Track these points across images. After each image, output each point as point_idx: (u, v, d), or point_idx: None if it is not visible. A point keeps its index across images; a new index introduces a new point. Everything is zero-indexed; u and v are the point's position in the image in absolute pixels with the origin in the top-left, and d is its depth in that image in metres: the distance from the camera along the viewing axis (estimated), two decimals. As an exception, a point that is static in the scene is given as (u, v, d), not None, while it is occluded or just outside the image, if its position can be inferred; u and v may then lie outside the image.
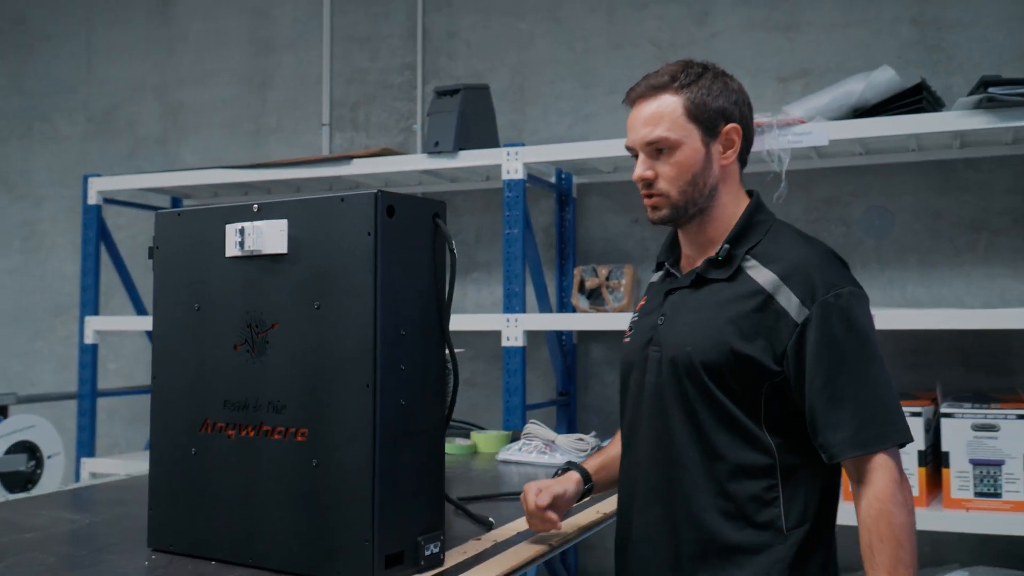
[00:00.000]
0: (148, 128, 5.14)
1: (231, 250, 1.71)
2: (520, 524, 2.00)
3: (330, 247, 1.61)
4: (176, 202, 4.90)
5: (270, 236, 1.66)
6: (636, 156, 1.92)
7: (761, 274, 1.81)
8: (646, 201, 1.91)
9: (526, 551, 1.82)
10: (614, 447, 2.12)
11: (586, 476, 2.03)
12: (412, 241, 1.64)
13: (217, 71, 5.00)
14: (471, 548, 1.80)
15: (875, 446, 1.73)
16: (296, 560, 1.62)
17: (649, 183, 1.88)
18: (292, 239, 1.65)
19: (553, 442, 2.79)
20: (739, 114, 1.90)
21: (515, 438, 3.00)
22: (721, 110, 1.87)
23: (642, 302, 2.08)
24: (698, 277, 1.89)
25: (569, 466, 2.06)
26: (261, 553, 1.66)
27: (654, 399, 1.88)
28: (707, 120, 1.86)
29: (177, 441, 1.77)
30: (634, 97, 1.92)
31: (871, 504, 1.71)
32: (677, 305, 1.91)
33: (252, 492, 1.67)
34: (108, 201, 4.52)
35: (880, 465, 1.72)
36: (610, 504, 2.18)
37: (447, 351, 1.72)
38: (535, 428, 2.85)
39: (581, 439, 2.80)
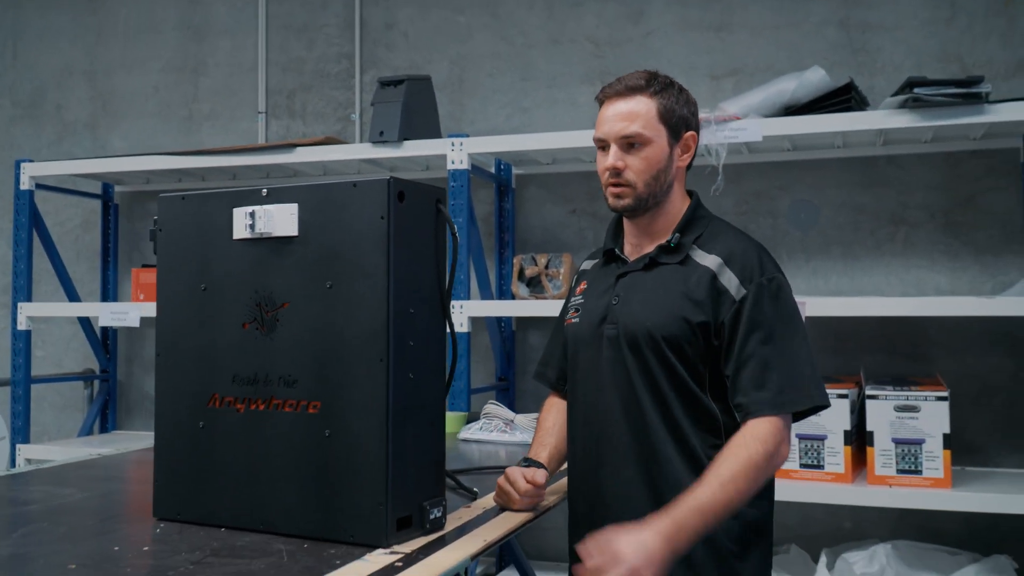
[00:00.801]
0: (77, 113, 5.08)
1: (240, 232, 1.78)
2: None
3: (342, 230, 1.69)
4: (107, 188, 4.87)
5: (281, 219, 1.74)
6: (604, 148, 2.08)
7: (706, 259, 2.04)
8: (611, 189, 2.07)
9: (516, 516, 1.95)
10: (551, 436, 2.26)
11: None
12: (418, 225, 1.74)
13: (148, 57, 4.96)
14: (464, 515, 1.92)
15: (791, 408, 1.95)
16: (306, 524, 1.70)
17: (618, 172, 2.05)
18: (303, 222, 1.73)
19: (512, 421, 2.90)
20: (695, 124, 2.14)
21: (471, 419, 3.10)
22: (684, 118, 2.10)
23: (582, 286, 2.23)
24: (651, 261, 2.09)
25: (528, 463, 2.16)
26: (270, 519, 1.73)
27: (614, 372, 2.06)
28: (674, 125, 2.08)
29: (184, 416, 1.83)
30: (610, 94, 2.10)
31: (744, 435, 1.91)
32: (630, 286, 2.09)
33: (261, 462, 1.75)
34: (40, 187, 4.47)
35: (771, 422, 1.92)
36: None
37: (447, 329, 1.83)
38: (494, 408, 2.96)
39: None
